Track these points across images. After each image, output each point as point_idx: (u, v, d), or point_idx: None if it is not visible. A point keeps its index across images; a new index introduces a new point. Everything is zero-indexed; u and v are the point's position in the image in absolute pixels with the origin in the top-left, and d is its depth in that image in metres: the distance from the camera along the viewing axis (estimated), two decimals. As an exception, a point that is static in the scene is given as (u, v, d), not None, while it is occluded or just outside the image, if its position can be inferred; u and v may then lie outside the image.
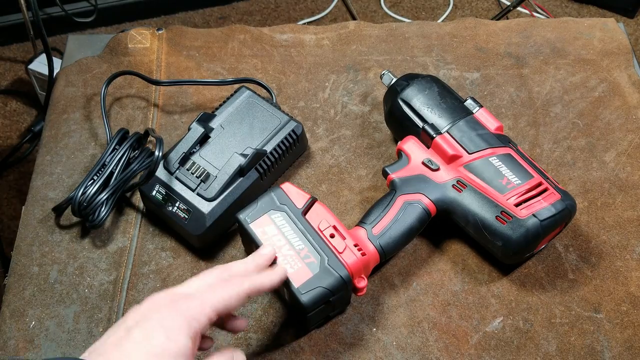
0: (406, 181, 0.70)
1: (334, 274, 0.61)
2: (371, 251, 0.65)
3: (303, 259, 0.62)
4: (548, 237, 0.68)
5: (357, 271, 0.63)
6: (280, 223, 0.64)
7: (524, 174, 0.68)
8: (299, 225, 0.64)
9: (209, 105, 0.86)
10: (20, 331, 0.68)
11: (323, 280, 0.61)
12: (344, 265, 0.62)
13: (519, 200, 0.66)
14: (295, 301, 0.61)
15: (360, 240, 0.65)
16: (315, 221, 0.65)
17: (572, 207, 0.68)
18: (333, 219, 0.65)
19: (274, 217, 0.64)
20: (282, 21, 1.98)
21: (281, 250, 0.62)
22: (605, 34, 0.92)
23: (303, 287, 0.61)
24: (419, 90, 0.75)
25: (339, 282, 0.61)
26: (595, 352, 0.66)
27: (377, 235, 0.66)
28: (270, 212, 0.65)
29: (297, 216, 0.64)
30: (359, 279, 0.63)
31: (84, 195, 0.71)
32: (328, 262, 0.62)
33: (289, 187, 0.66)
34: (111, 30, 1.93)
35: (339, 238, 0.64)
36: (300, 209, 0.65)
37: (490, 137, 0.71)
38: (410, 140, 0.73)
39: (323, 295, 0.61)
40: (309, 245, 0.63)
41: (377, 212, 0.68)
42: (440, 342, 0.67)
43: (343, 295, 0.63)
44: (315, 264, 0.62)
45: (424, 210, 0.68)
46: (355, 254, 0.63)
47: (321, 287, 0.61)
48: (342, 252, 0.63)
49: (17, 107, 1.76)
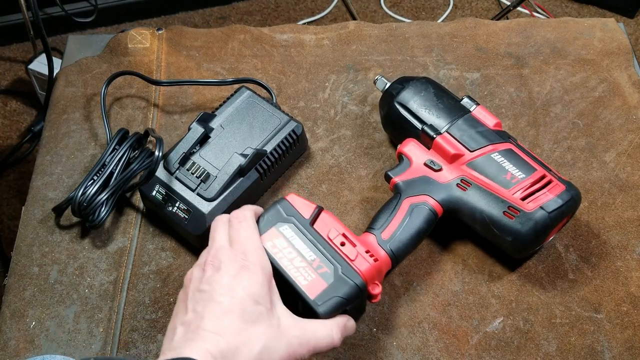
0: (410, 184, 0.70)
1: (349, 283, 0.60)
2: (383, 256, 0.65)
3: (316, 270, 0.61)
4: (556, 229, 0.68)
5: (371, 278, 0.62)
6: (289, 235, 0.63)
7: (527, 167, 0.68)
8: (308, 235, 0.63)
9: (209, 105, 0.86)
10: (20, 331, 0.68)
11: (338, 290, 0.60)
12: (358, 273, 0.61)
13: (524, 194, 0.66)
14: (311, 313, 0.60)
15: (371, 246, 0.65)
16: (324, 230, 0.63)
17: (578, 197, 0.68)
18: (342, 227, 0.64)
19: (282, 229, 0.63)
20: (282, 21, 1.98)
21: (293, 263, 0.61)
22: (605, 34, 0.92)
23: (319, 298, 0.59)
24: (415, 92, 0.75)
25: (355, 290, 0.60)
26: (596, 353, 0.66)
27: (386, 240, 0.66)
28: (277, 224, 0.63)
29: (306, 227, 0.63)
30: (373, 285, 0.62)
31: (84, 195, 0.71)
32: (342, 270, 0.61)
33: (294, 198, 0.65)
34: (111, 30, 1.93)
35: (350, 246, 0.63)
36: (308, 219, 0.64)
37: (490, 134, 0.71)
38: (410, 142, 0.73)
39: (340, 305, 0.60)
40: (320, 255, 0.62)
41: (384, 217, 0.68)
42: (441, 342, 0.67)
43: (359, 303, 0.62)
44: (329, 273, 0.61)
45: (430, 212, 0.68)
46: (368, 261, 0.62)
47: (337, 296, 0.59)
48: (355, 260, 0.62)
49: (17, 107, 1.76)
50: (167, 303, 0.70)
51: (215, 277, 0.55)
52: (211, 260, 0.56)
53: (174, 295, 0.71)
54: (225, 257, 0.56)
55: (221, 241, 0.59)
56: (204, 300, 0.54)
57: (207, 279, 0.55)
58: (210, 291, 0.54)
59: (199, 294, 0.54)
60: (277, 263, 0.60)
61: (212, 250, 0.58)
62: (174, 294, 0.71)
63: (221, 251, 0.57)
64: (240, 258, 0.56)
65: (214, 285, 0.54)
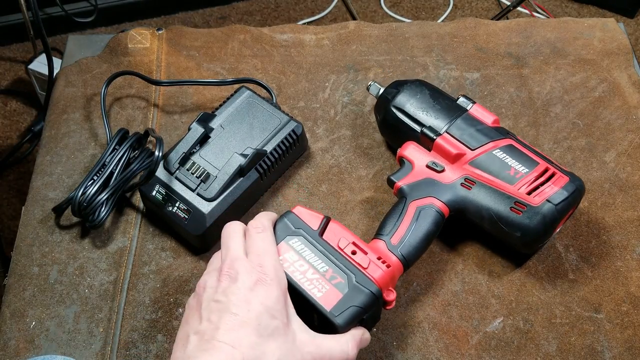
0: (414, 187, 0.70)
1: (364, 291, 0.60)
2: (394, 262, 0.64)
3: (330, 281, 0.60)
4: (563, 221, 0.69)
5: (385, 284, 0.62)
6: (300, 248, 0.62)
7: (530, 162, 0.68)
8: (318, 247, 0.62)
9: (209, 105, 0.86)
10: (20, 331, 0.68)
11: (354, 299, 0.59)
12: (372, 281, 0.61)
13: (530, 189, 0.66)
14: (328, 324, 0.59)
15: (382, 252, 0.65)
16: (333, 240, 0.63)
17: (582, 187, 0.68)
18: (351, 236, 0.64)
19: (292, 242, 0.62)
20: (282, 21, 1.98)
21: (305, 275, 0.60)
22: (605, 34, 0.92)
23: (335, 309, 0.59)
24: (410, 95, 0.75)
25: (371, 298, 0.60)
26: (596, 353, 0.66)
27: (396, 245, 0.65)
28: (287, 238, 0.63)
29: (315, 238, 0.63)
30: (388, 292, 0.62)
31: (84, 195, 0.71)
32: (356, 279, 0.60)
33: (300, 210, 0.65)
34: (111, 30, 1.93)
35: (361, 254, 0.62)
36: (317, 230, 0.63)
37: (490, 131, 0.71)
38: (410, 145, 0.73)
39: (357, 314, 0.59)
40: (333, 265, 0.61)
41: (392, 222, 0.67)
42: (441, 342, 0.67)
43: (375, 310, 0.62)
44: (343, 283, 0.60)
45: (437, 213, 0.68)
46: (381, 267, 0.62)
47: (354, 306, 0.59)
48: (368, 268, 0.62)
49: (17, 107, 1.76)
50: (167, 303, 0.70)
51: (231, 288, 0.54)
52: (227, 271, 0.56)
53: (174, 295, 0.71)
54: (242, 268, 0.56)
55: (237, 251, 0.58)
56: (219, 310, 0.53)
57: (223, 289, 0.54)
58: (226, 302, 0.53)
59: (215, 304, 0.54)
60: (290, 277, 0.60)
61: (228, 260, 0.57)
62: (174, 294, 0.71)
63: (237, 262, 0.56)
64: (257, 270, 0.56)
65: (230, 297, 0.54)
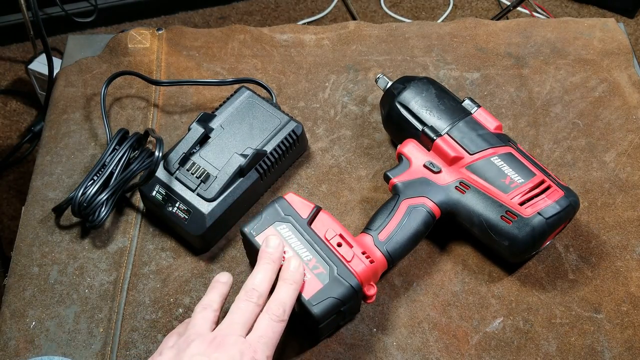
0: (409, 185, 0.70)
1: (344, 284, 0.61)
2: (379, 258, 0.65)
3: (312, 270, 0.61)
4: (553, 234, 0.68)
5: (366, 279, 0.62)
6: (287, 234, 0.63)
7: (527, 172, 0.68)
8: (305, 235, 0.63)
9: (209, 105, 0.86)
10: (20, 332, 0.68)
11: (333, 291, 0.60)
12: (353, 274, 0.61)
13: (523, 199, 0.66)
14: (306, 313, 0.60)
15: (367, 247, 0.65)
16: (321, 230, 0.64)
17: (576, 203, 0.68)
18: (339, 227, 0.64)
19: (280, 228, 0.63)
20: (282, 21, 1.98)
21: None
22: (605, 34, 0.92)
23: (314, 298, 0.60)
24: (416, 93, 0.74)
25: (350, 292, 0.61)
26: (596, 353, 0.66)
27: (383, 242, 0.66)
28: (275, 223, 0.64)
29: (303, 226, 0.64)
30: (369, 286, 0.63)
31: (84, 195, 0.71)
32: (337, 271, 0.61)
33: (292, 197, 0.65)
34: (111, 30, 1.93)
35: (346, 246, 0.63)
36: (306, 219, 0.64)
37: (491, 137, 0.71)
38: (410, 143, 0.73)
39: (334, 306, 0.60)
40: (316, 255, 0.62)
41: (382, 218, 0.68)
42: (441, 342, 0.67)
43: (354, 304, 0.63)
44: (325, 274, 0.61)
45: (428, 214, 0.68)
46: (364, 262, 0.63)
47: (332, 297, 0.60)
48: (351, 261, 0.62)
49: (17, 107, 1.76)
50: (167, 303, 0.70)
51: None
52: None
53: (174, 295, 0.71)
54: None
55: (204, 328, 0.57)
56: None
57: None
58: None
59: None
60: None
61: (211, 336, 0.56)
62: (173, 294, 0.71)
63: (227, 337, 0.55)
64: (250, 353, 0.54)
65: None
